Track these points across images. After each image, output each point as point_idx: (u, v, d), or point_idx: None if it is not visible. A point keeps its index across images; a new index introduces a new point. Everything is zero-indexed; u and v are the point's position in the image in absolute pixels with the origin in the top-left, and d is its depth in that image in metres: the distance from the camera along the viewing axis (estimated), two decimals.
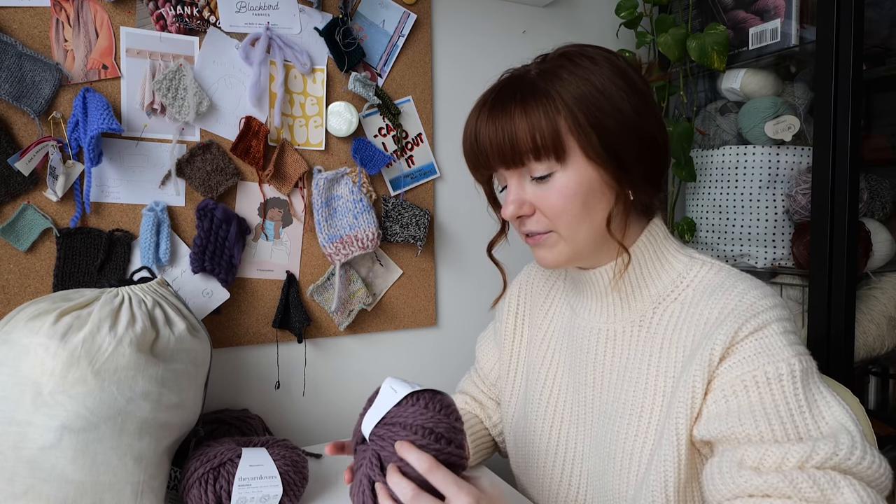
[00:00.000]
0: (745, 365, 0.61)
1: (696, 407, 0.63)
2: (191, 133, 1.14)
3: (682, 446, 0.64)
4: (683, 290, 0.72)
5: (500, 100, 0.70)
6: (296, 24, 1.21)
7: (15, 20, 1.00)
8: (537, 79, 0.69)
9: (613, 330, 0.75)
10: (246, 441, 0.96)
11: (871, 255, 1.28)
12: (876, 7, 1.30)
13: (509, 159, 0.69)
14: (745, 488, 0.57)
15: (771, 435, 0.58)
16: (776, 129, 1.31)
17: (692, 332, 0.68)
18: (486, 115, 0.70)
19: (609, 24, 1.58)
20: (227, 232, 1.14)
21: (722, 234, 1.44)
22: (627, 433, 0.70)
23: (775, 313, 0.64)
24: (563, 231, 0.70)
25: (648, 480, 0.66)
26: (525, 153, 0.67)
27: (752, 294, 0.65)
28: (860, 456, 0.55)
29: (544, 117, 0.66)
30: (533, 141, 0.66)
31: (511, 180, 0.71)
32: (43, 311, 0.83)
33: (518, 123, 0.67)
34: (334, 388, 1.31)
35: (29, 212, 1.02)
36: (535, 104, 0.66)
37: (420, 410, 0.61)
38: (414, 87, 1.34)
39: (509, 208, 0.71)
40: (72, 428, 0.79)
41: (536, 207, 0.70)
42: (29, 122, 1.01)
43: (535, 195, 0.70)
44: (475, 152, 0.72)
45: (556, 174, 0.68)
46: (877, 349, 1.30)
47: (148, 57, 1.09)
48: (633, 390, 0.71)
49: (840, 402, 0.60)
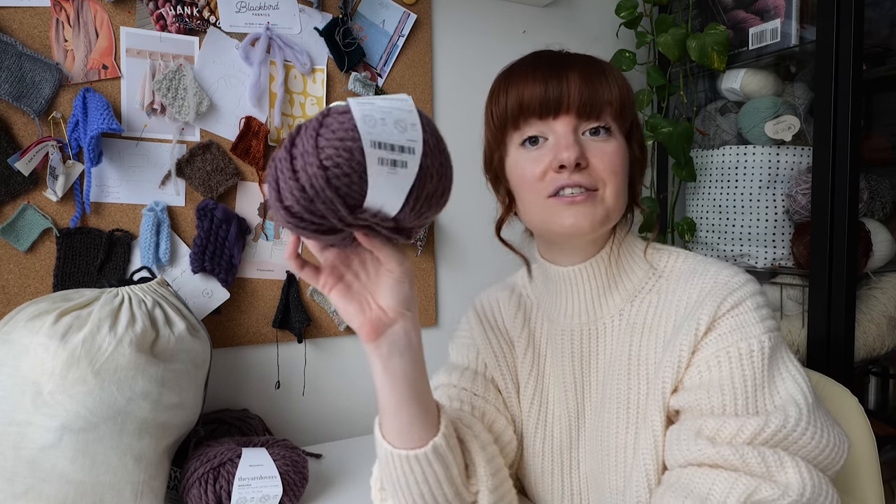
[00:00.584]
0: (722, 341, 0.64)
1: (680, 376, 0.66)
2: (191, 133, 1.14)
3: (665, 415, 0.66)
4: (657, 280, 0.74)
5: (567, 58, 0.71)
6: (296, 24, 1.21)
7: (15, 20, 1.00)
8: (594, 58, 0.73)
9: (595, 328, 0.75)
10: (246, 441, 0.96)
11: (871, 255, 1.28)
12: (876, 7, 1.30)
13: (590, 105, 0.68)
14: (698, 457, 0.59)
15: (733, 408, 0.61)
16: (776, 129, 1.31)
17: (671, 317, 0.70)
18: (574, 62, 0.70)
19: (609, 24, 1.58)
20: (227, 232, 1.14)
21: (722, 234, 1.44)
22: (618, 427, 0.71)
23: (748, 289, 0.67)
24: (609, 193, 0.68)
25: (637, 464, 0.67)
26: (609, 103, 0.68)
27: (724, 274, 0.69)
28: (804, 428, 0.58)
29: (625, 84, 0.70)
30: (621, 95, 0.69)
31: (559, 129, 0.68)
32: (43, 311, 0.83)
33: (609, 76, 0.69)
34: (334, 388, 1.31)
35: (29, 212, 1.02)
36: (612, 70, 0.71)
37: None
38: (414, 87, 1.34)
39: (569, 152, 0.66)
40: (72, 428, 0.79)
41: (591, 162, 0.68)
42: (29, 122, 1.01)
43: (593, 149, 0.68)
44: (547, 92, 0.68)
45: (616, 135, 0.70)
46: (877, 349, 1.30)
47: (148, 57, 1.09)
48: (617, 383, 0.72)
49: (796, 376, 0.63)
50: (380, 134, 0.47)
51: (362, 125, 0.47)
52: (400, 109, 0.49)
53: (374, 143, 0.47)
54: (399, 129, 0.48)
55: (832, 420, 0.62)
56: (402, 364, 0.59)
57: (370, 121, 0.47)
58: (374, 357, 0.59)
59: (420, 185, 0.50)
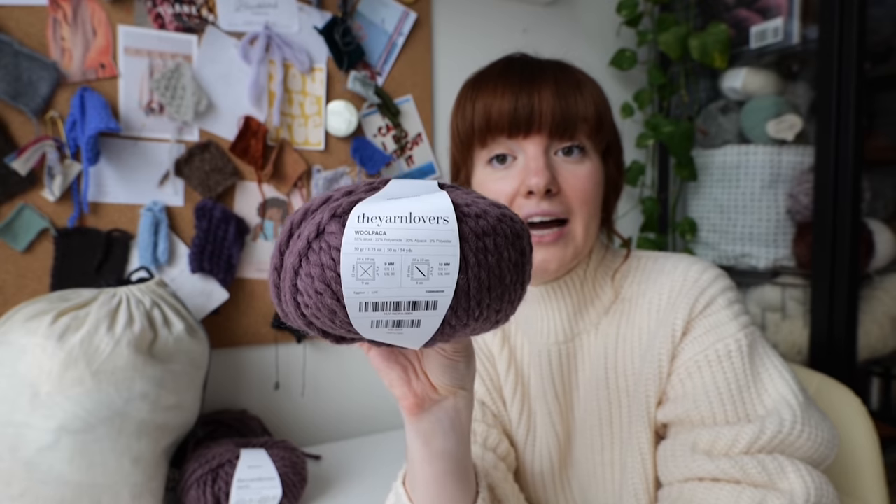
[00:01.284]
0: (699, 344, 0.62)
1: (662, 384, 0.64)
2: (189, 132, 1.13)
3: (653, 432, 0.64)
4: (627, 288, 0.71)
5: (539, 66, 0.66)
6: (295, 23, 1.21)
7: (12, 18, 0.99)
8: (573, 68, 0.69)
9: (573, 345, 0.71)
10: (245, 442, 0.96)
11: (874, 256, 1.27)
12: (879, 5, 1.29)
13: (564, 123, 0.62)
14: (697, 472, 0.58)
15: (723, 416, 0.59)
16: (778, 129, 1.30)
17: (645, 322, 0.67)
18: (550, 77, 0.64)
19: (610, 23, 1.58)
20: (225, 232, 1.14)
21: (723, 234, 1.44)
22: (603, 444, 0.69)
23: (719, 285, 0.65)
24: (578, 221, 0.64)
25: (627, 480, 0.65)
26: (584, 120, 0.63)
27: (693, 271, 0.66)
28: (800, 430, 0.57)
29: (600, 98, 0.66)
30: (597, 111, 0.65)
31: (530, 149, 0.63)
32: (40, 312, 0.83)
33: (584, 89, 0.65)
34: (333, 389, 1.30)
35: (26, 211, 1.01)
36: (588, 83, 0.66)
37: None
38: (414, 86, 1.33)
39: (539, 178, 0.61)
40: (69, 429, 0.78)
41: (563, 188, 0.63)
42: (26, 121, 1.01)
43: (565, 172, 0.63)
44: (517, 109, 0.63)
45: (590, 154, 0.65)
46: (879, 350, 1.29)
47: (146, 56, 1.09)
48: (598, 399, 0.69)
49: (783, 372, 0.61)
50: (377, 290, 0.33)
51: (349, 280, 0.33)
52: (431, 239, 0.33)
53: (363, 306, 0.33)
54: (418, 275, 0.33)
55: (822, 414, 0.61)
56: (445, 443, 0.50)
57: (366, 271, 0.32)
58: (413, 433, 0.50)
59: (448, 331, 0.37)
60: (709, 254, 1.49)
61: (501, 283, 0.36)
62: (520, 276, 0.38)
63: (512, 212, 0.39)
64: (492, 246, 0.35)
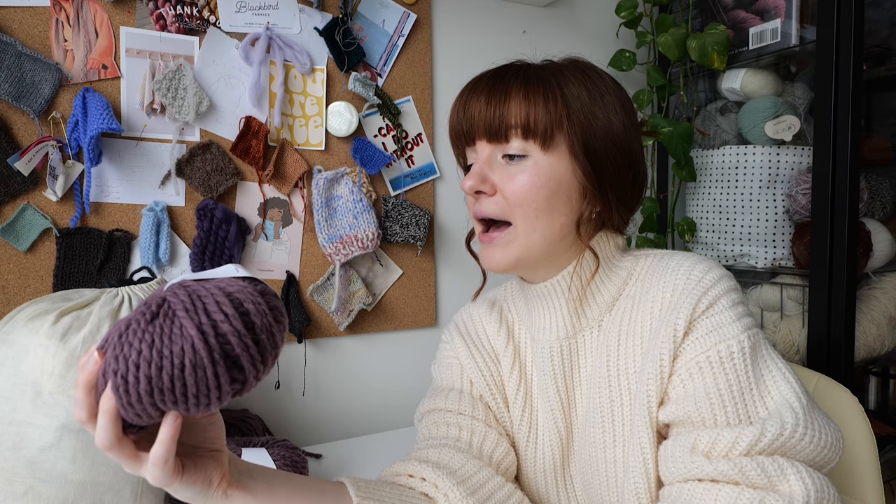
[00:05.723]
0: (700, 345, 0.62)
1: (664, 384, 0.63)
2: (190, 133, 1.14)
3: (654, 431, 0.64)
4: (632, 285, 0.71)
5: (500, 75, 0.70)
6: (296, 24, 1.21)
7: (14, 20, 1.00)
8: (543, 69, 0.70)
9: (575, 341, 0.72)
10: (246, 441, 0.96)
11: (872, 255, 1.28)
12: (876, 7, 1.30)
13: (494, 130, 0.67)
14: (696, 473, 0.58)
15: (724, 418, 0.59)
16: (776, 129, 1.31)
17: (647, 320, 0.67)
18: (484, 86, 0.69)
19: (609, 24, 1.58)
20: (226, 232, 1.14)
21: (722, 234, 1.44)
22: (605, 442, 0.69)
23: (723, 286, 0.64)
24: (519, 222, 0.67)
25: (629, 478, 0.66)
26: (513, 128, 0.66)
27: (697, 270, 0.66)
28: (802, 433, 0.57)
29: (542, 100, 0.66)
30: (526, 117, 0.66)
31: (482, 154, 0.70)
32: (43, 312, 0.83)
33: (515, 98, 0.67)
34: (334, 388, 1.31)
35: (29, 212, 1.02)
36: (537, 87, 0.67)
37: (245, 286, 0.51)
38: (414, 86, 1.34)
39: (469, 181, 0.68)
40: (71, 428, 0.78)
41: (499, 189, 0.68)
42: (28, 121, 1.01)
43: (503, 176, 0.68)
44: (459, 120, 0.71)
45: (533, 158, 0.67)
46: (877, 349, 1.30)
47: (148, 57, 1.09)
48: (600, 397, 0.69)
49: (787, 374, 0.61)
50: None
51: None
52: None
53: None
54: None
55: (826, 417, 0.60)
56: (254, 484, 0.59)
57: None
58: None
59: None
60: (707, 254, 1.49)
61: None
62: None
63: None
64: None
